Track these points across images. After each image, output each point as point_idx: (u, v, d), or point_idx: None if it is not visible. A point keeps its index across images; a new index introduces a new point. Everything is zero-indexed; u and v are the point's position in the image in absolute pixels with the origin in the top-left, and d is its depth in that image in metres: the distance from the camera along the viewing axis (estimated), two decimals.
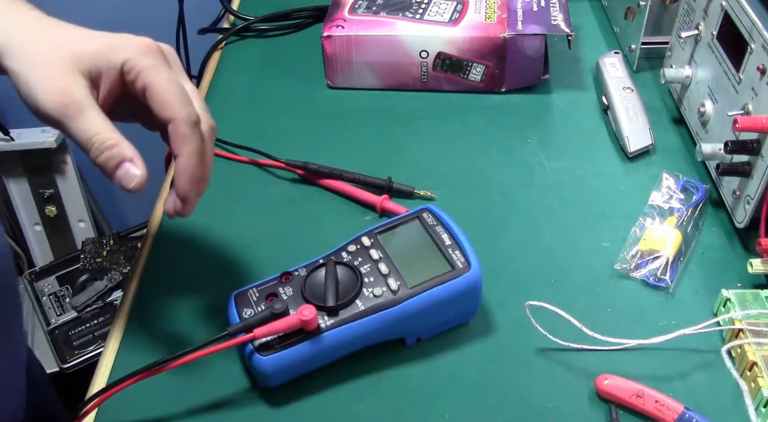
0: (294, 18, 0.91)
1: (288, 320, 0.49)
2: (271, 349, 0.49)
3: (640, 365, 0.53)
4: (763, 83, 0.57)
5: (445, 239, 0.54)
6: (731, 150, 0.58)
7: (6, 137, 1.34)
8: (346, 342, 0.51)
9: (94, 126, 0.45)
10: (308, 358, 0.50)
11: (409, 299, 0.51)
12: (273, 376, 0.50)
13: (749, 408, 0.50)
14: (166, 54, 0.49)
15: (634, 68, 0.81)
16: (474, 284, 0.52)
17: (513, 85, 0.79)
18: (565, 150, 0.72)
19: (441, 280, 0.51)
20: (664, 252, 0.60)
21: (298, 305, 0.50)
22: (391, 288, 0.51)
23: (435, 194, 0.67)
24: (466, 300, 0.54)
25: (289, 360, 0.50)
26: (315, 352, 0.50)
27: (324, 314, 0.50)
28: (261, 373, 0.50)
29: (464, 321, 0.56)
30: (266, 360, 0.49)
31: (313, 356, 0.50)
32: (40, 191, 1.48)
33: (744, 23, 0.60)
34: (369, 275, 0.52)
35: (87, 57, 0.46)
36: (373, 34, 0.77)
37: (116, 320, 0.58)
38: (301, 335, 0.49)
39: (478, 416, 0.51)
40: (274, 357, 0.49)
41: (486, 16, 0.78)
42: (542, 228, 0.64)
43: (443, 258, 0.53)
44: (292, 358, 0.50)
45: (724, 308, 0.55)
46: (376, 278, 0.52)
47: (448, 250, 0.53)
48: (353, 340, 0.51)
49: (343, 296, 0.50)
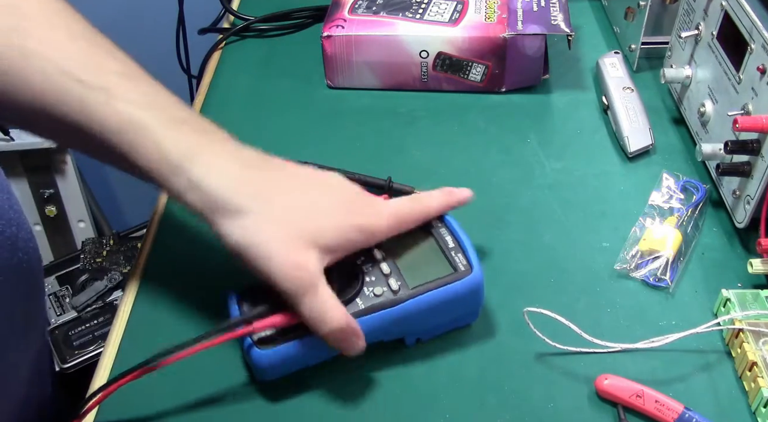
0: (294, 18, 0.91)
1: (287, 314, 0.49)
2: (269, 343, 0.50)
3: (640, 365, 0.53)
4: (763, 83, 0.57)
5: (448, 241, 0.54)
6: (731, 150, 0.58)
7: (6, 137, 1.34)
8: None
9: (327, 304, 0.47)
10: (306, 353, 0.51)
11: (409, 299, 0.51)
12: (269, 370, 0.51)
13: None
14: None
15: (634, 68, 0.81)
16: (475, 288, 0.52)
17: (513, 85, 0.79)
18: (565, 150, 0.72)
19: (442, 282, 0.51)
20: (664, 252, 0.60)
21: None
22: (392, 288, 0.51)
23: None
24: (466, 303, 0.54)
25: (287, 355, 0.50)
26: (313, 348, 0.50)
27: None
28: (258, 366, 0.50)
29: (465, 323, 0.56)
30: (264, 354, 0.49)
31: (311, 351, 0.51)
32: (39, 191, 1.48)
33: (744, 23, 0.59)
34: (370, 274, 0.52)
35: (328, 237, 0.49)
36: (373, 34, 0.77)
37: (116, 320, 0.58)
38: (300, 330, 0.49)
39: (478, 416, 0.51)
40: (272, 351, 0.49)
41: (486, 16, 0.78)
42: (542, 228, 0.64)
43: (446, 260, 0.53)
44: (290, 353, 0.50)
45: (724, 309, 0.55)
46: (377, 278, 0.52)
47: (450, 252, 0.53)
48: None
49: (343, 293, 0.50)
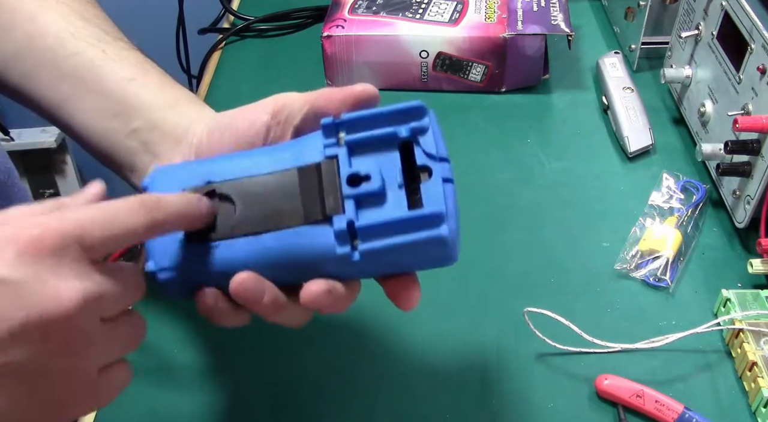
0: (294, 18, 0.91)
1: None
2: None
3: (640, 365, 0.53)
4: (763, 83, 0.57)
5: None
6: (731, 150, 0.58)
7: (6, 137, 1.34)
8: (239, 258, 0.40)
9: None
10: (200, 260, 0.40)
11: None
12: (163, 272, 0.40)
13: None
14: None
15: (634, 68, 0.81)
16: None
17: (513, 85, 0.79)
18: (565, 150, 0.72)
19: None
20: (664, 252, 0.60)
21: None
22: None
23: None
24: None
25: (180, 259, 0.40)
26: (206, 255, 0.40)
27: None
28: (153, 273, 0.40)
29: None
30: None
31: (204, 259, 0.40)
32: (40, 191, 1.48)
33: (744, 23, 0.59)
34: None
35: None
36: (373, 34, 0.77)
37: None
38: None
39: (478, 416, 0.51)
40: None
41: (486, 16, 0.78)
42: (542, 228, 0.64)
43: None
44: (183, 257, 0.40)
45: (724, 309, 0.55)
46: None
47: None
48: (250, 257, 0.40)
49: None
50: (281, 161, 0.41)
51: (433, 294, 0.59)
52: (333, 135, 0.40)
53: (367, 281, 0.41)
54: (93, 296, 0.32)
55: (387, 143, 0.40)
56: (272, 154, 0.42)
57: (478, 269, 0.60)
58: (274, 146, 0.43)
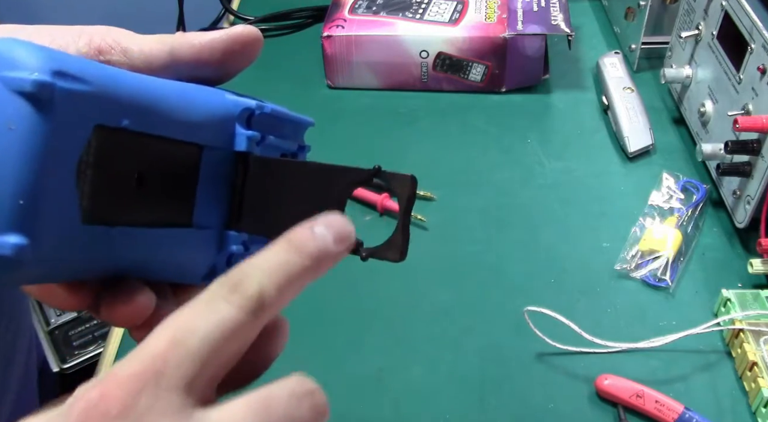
0: (294, 18, 0.91)
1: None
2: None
3: (640, 365, 0.53)
4: (763, 83, 0.57)
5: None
6: (731, 150, 0.58)
7: None
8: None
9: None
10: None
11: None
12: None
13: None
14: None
15: (634, 68, 0.81)
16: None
17: (513, 85, 0.79)
18: (565, 150, 0.72)
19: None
20: (665, 252, 0.60)
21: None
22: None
23: (435, 194, 0.67)
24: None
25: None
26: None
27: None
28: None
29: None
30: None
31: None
32: None
33: (744, 23, 0.59)
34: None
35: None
36: (373, 34, 0.77)
37: None
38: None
39: (478, 416, 0.51)
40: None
41: (486, 16, 0.78)
42: (542, 228, 0.64)
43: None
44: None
45: (724, 309, 0.55)
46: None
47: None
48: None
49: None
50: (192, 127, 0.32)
51: (433, 294, 0.59)
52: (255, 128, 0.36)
53: (366, 281, 0.40)
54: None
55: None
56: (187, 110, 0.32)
57: (478, 269, 0.60)
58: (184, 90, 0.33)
